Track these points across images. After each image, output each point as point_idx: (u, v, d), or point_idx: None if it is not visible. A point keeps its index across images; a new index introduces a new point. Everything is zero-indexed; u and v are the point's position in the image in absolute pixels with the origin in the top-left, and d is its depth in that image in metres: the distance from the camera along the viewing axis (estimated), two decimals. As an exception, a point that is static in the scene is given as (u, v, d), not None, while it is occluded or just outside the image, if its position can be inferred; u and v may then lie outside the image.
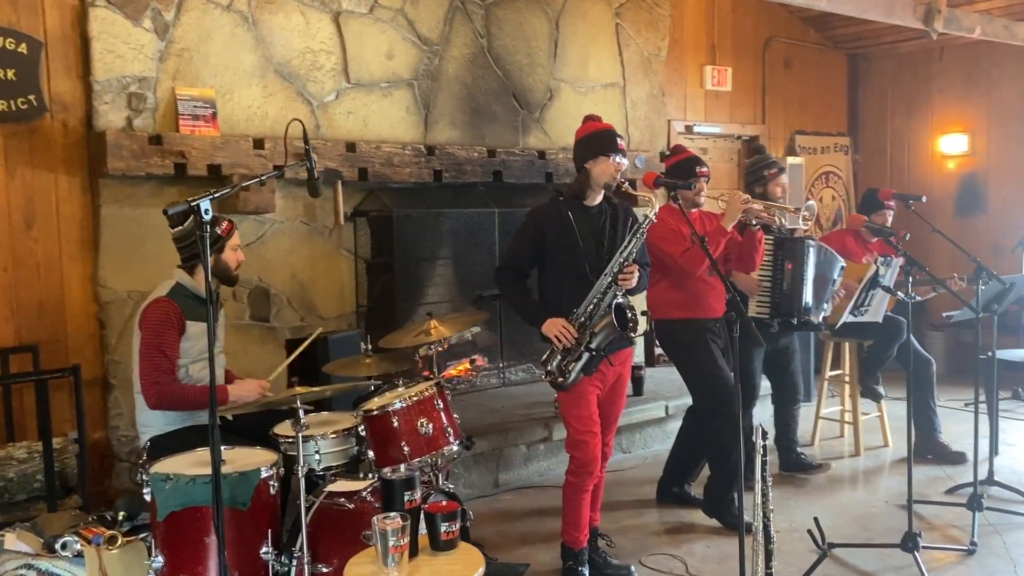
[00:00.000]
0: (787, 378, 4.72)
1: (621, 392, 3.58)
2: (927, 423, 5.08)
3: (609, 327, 3.25)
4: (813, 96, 7.99)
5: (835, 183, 8.17)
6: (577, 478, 3.46)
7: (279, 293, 4.94)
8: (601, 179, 3.40)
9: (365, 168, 5.02)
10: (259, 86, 4.79)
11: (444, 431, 3.09)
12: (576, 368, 3.30)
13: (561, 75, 6.08)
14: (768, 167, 4.58)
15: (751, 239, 4.03)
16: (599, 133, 3.44)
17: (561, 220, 3.38)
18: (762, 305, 4.42)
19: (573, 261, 3.36)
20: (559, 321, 3.30)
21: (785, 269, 4.33)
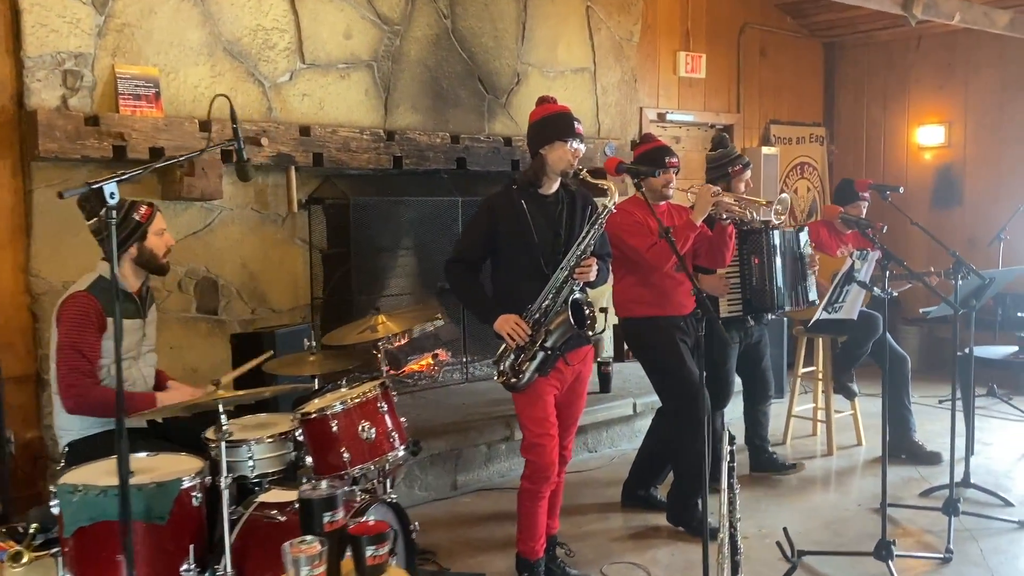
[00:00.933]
0: (758, 374, 4.54)
1: (581, 392, 3.38)
2: (901, 422, 4.93)
3: (565, 325, 3.05)
4: (788, 85, 7.82)
5: (810, 174, 8.02)
6: (533, 484, 3.26)
7: (228, 284, 4.69)
8: (557, 166, 3.19)
9: (320, 153, 4.77)
10: (207, 65, 4.52)
11: (388, 435, 2.87)
12: (530, 368, 3.10)
13: (529, 59, 5.85)
14: (732, 162, 4.38)
15: (721, 234, 3.84)
16: (554, 116, 3.23)
17: (514, 210, 3.17)
18: (734, 304, 4.23)
19: (527, 254, 3.15)
20: (512, 318, 3.10)
21: (752, 264, 4.14)
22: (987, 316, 6.62)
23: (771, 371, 4.58)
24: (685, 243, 3.70)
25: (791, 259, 4.24)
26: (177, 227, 4.49)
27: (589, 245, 3.13)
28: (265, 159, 4.59)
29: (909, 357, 4.97)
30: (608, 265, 3.37)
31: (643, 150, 3.98)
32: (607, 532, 4.02)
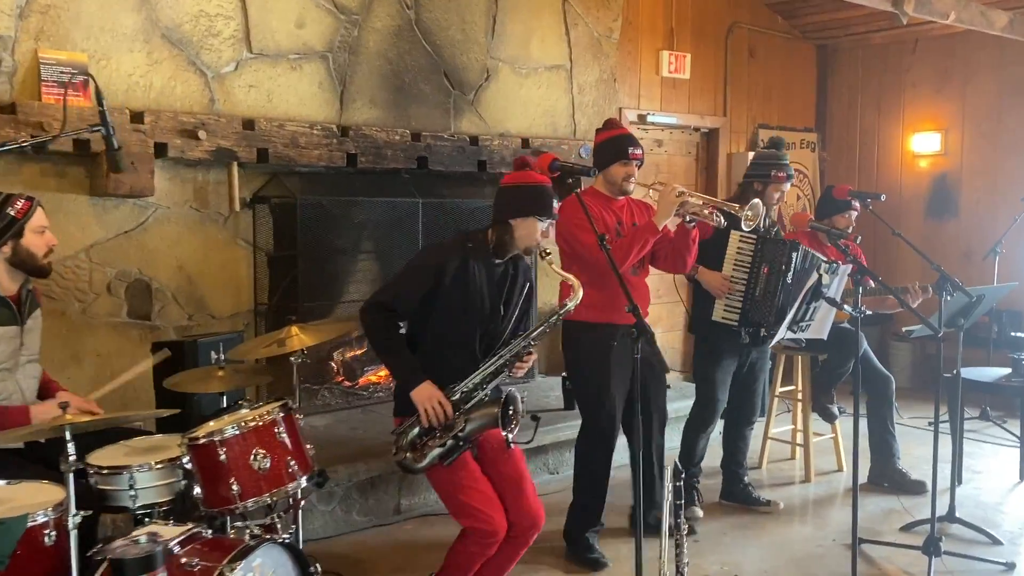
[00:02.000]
0: (746, 396, 4.21)
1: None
2: (884, 448, 4.59)
3: (489, 419, 2.73)
4: (779, 88, 7.49)
5: (800, 181, 7.69)
6: (477, 548, 2.90)
7: (163, 288, 4.37)
8: (524, 242, 2.90)
9: (265, 149, 4.46)
10: (142, 52, 4.21)
11: (287, 465, 2.55)
12: (433, 455, 2.77)
13: (500, 54, 5.53)
14: (779, 167, 4.11)
15: (684, 237, 3.51)
16: (535, 190, 2.91)
17: (467, 276, 2.86)
18: (731, 310, 3.91)
19: (465, 326, 2.84)
20: (436, 393, 2.77)
21: (761, 273, 3.82)
22: (981, 333, 6.29)
23: (760, 396, 4.25)
24: (643, 248, 3.38)
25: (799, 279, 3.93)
26: (106, 225, 4.19)
27: (536, 342, 2.83)
28: (203, 154, 4.27)
29: (899, 375, 4.64)
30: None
31: (605, 137, 3.66)
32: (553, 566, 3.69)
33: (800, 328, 3.39)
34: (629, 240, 3.42)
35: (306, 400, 4.86)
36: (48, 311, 4.00)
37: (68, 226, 4.05)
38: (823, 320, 3.43)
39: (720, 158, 7.05)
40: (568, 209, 3.58)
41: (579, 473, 3.70)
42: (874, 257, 6.97)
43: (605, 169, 3.63)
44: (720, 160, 7.05)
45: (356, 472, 3.89)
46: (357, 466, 3.90)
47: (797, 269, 3.92)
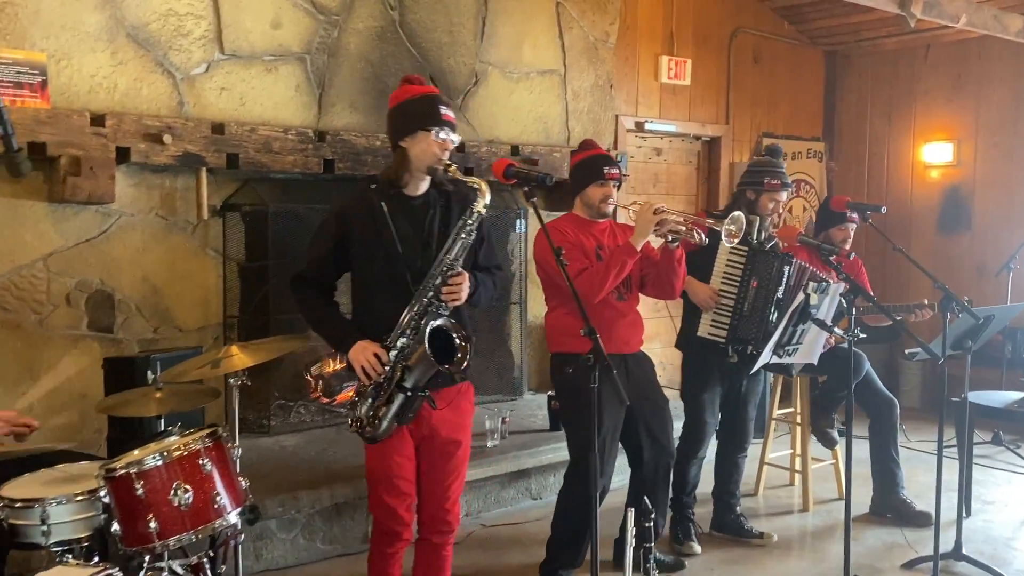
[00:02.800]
0: (737, 421, 3.95)
1: (460, 440, 2.77)
2: (887, 476, 4.32)
3: (424, 361, 2.49)
4: (784, 96, 7.23)
5: (807, 193, 7.42)
6: (378, 545, 2.73)
7: (126, 299, 4.17)
8: (422, 161, 2.65)
9: (236, 154, 4.26)
10: (106, 52, 4.02)
11: (212, 500, 2.32)
12: (388, 414, 2.54)
13: (489, 58, 5.32)
14: (772, 175, 3.83)
15: (669, 260, 3.26)
16: (416, 101, 2.69)
17: (372, 214, 2.64)
18: (718, 326, 3.66)
19: (389, 267, 2.61)
20: (370, 347, 2.54)
21: (749, 287, 3.58)
22: (994, 353, 5.99)
23: (751, 423, 3.99)
24: (621, 271, 3.14)
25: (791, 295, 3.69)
26: (66, 233, 4.00)
27: (458, 255, 2.58)
28: (169, 159, 4.08)
29: (909, 395, 4.37)
30: (495, 280, 2.82)
31: (580, 158, 3.44)
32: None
33: (787, 352, 3.14)
34: (605, 264, 3.19)
35: (281, 417, 4.65)
36: (1, 323, 3.82)
37: (24, 233, 3.87)
38: (812, 344, 3.16)
39: (722, 167, 6.80)
40: (543, 237, 3.36)
41: (560, 508, 3.45)
42: (883, 272, 6.70)
43: (581, 191, 3.41)
44: (722, 169, 6.80)
45: (319, 498, 3.66)
46: (321, 492, 3.68)
47: (790, 284, 3.68)
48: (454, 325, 2.56)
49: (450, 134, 2.68)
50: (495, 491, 4.37)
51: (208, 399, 2.74)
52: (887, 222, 7.06)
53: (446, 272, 2.56)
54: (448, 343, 2.54)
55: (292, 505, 3.59)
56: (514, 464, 4.29)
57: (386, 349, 2.53)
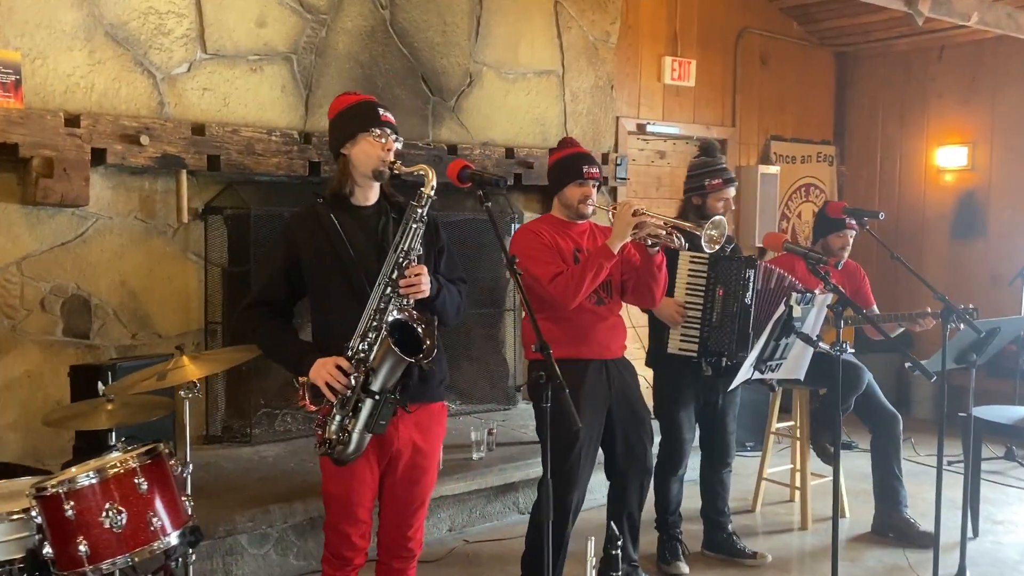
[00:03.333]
0: (718, 436, 3.78)
1: (427, 466, 2.61)
2: (890, 494, 4.14)
3: (391, 356, 2.33)
4: (793, 98, 7.05)
5: (816, 197, 7.23)
6: (329, 567, 2.57)
7: (103, 304, 4.07)
8: (366, 165, 2.53)
9: (217, 156, 4.15)
10: (84, 51, 3.92)
11: (148, 522, 2.20)
12: (357, 425, 2.37)
13: (484, 58, 5.18)
14: (712, 174, 3.67)
15: (648, 265, 3.11)
16: (355, 106, 2.59)
17: (320, 226, 2.50)
18: (688, 340, 3.50)
19: (345, 277, 2.47)
20: (329, 360, 2.39)
21: (716, 296, 3.42)
22: (1007, 363, 5.79)
23: (733, 435, 3.81)
24: (597, 275, 2.99)
25: (767, 297, 3.52)
26: (41, 236, 3.90)
27: (413, 245, 2.44)
28: (147, 161, 3.97)
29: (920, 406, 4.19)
30: (461, 292, 2.67)
31: (558, 157, 3.30)
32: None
33: (768, 368, 2.97)
34: (581, 267, 3.04)
35: (264, 426, 4.54)
36: (-31, 328, 3.73)
37: (-3, 236, 3.78)
38: (798, 359, 2.99)
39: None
40: (519, 239, 3.23)
41: (533, 522, 3.30)
42: (893, 280, 6.50)
43: (559, 191, 3.27)
44: (728, 173, 6.61)
45: (293, 512, 3.53)
46: (295, 506, 3.55)
47: (758, 288, 3.52)
48: (414, 316, 2.41)
49: (391, 135, 2.56)
50: (480, 505, 4.22)
51: (161, 412, 2.61)
52: (899, 228, 6.88)
53: (402, 263, 2.41)
54: (411, 336, 2.39)
55: (263, 519, 3.46)
56: (500, 477, 4.14)
57: (348, 358, 2.39)
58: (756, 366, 2.89)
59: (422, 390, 2.52)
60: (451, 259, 2.69)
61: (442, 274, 2.63)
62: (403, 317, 2.37)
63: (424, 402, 2.56)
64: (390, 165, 2.51)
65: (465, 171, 2.42)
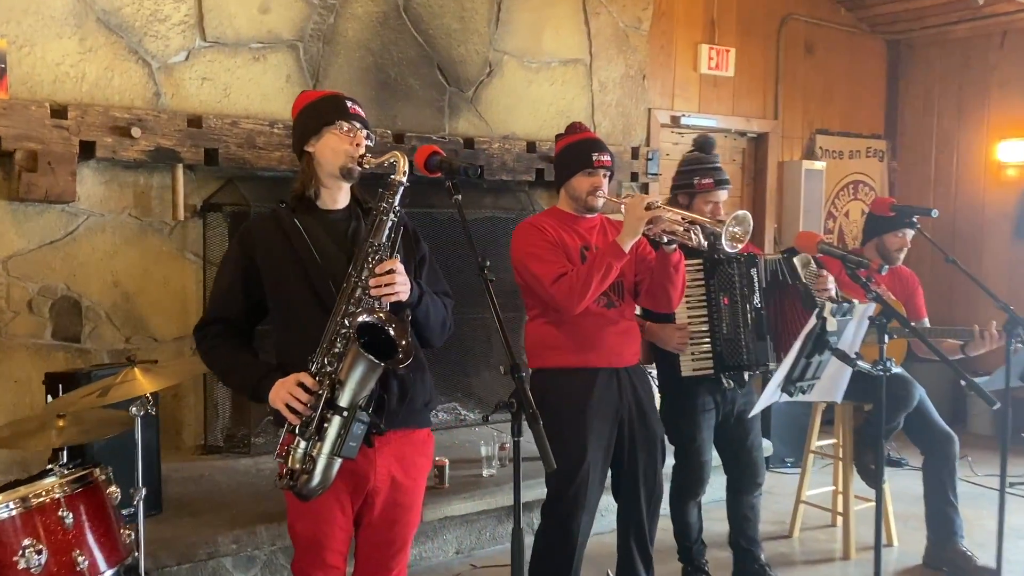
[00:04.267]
0: (744, 455, 3.40)
1: (409, 504, 2.30)
2: (943, 523, 3.73)
3: (361, 363, 2.03)
4: (841, 89, 6.62)
5: (865, 195, 6.79)
6: None
7: (95, 306, 3.85)
8: (333, 163, 2.23)
9: (215, 149, 3.92)
10: (74, 38, 3.71)
11: (73, 563, 1.93)
12: (324, 450, 2.06)
13: (505, 46, 4.88)
14: (702, 172, 3.27)
15: (664, 264, 2.78)
16: (320, 100, 2.30)
17: (283, 234, 2.21)
18: (701, 358, 3.15)
19: (310, 285, 2.18)
20: (289, 379, 2.09)
21: (721, 305, 3.07)
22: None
23: (760, 451, 3.44)
24: (606, 275, 2.66)
25: (779, 295, 3.15)
26: (28, 234, 3.70)
27: (386, 241, 2.13)
28: (139, 154, 3.75)
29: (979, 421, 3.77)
30: (445, 304, 2.35)
31: (565, 144, 2.98)
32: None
33: (799, 390, 2.60)
34: (588, 267, 2.71)
35: (270, 434, 4.27)
36: (-49, 331, 3.54)
37: (-20, 234, 3.58)
38: (834, 379, 2.61)
39: (770, 167, 6.23)
40: (519, 236, 2.91)
41: (537, 550, 3.00)
42: (949, 288, 6.05)
43: (566, 182, 2.95)
44: (770, 169, 6.23)
45: (281, 533, 3.27)
46: (284, 526, 3.26)
47: (765, 287, 3.15)
48: (385, 317, 2.09)
49: (361, 129, 2.26)
50: (490, 526, 3.92)
51: (116, 428, 2.36)
52: (956, 228, 6.42)
53: (371, 261, 2.10)
54: (383, 340, 2.09)
55: (249, 541, 3.21)
56: (511, 497, 3.82)
57: (313, 373, 2.10)
58: (784, 387, 2.53)
59: (402, 414, 2.22)
60: (433, 271, 2.39)
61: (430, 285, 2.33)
62: (372, 319, 2.07)
63: (405, 428, 2.26)
64: (359, 161, 2.21)
65: (434, 158, 2.11)
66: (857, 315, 2.48)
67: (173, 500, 3.46)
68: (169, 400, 4.02)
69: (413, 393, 2.22)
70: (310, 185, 2.25)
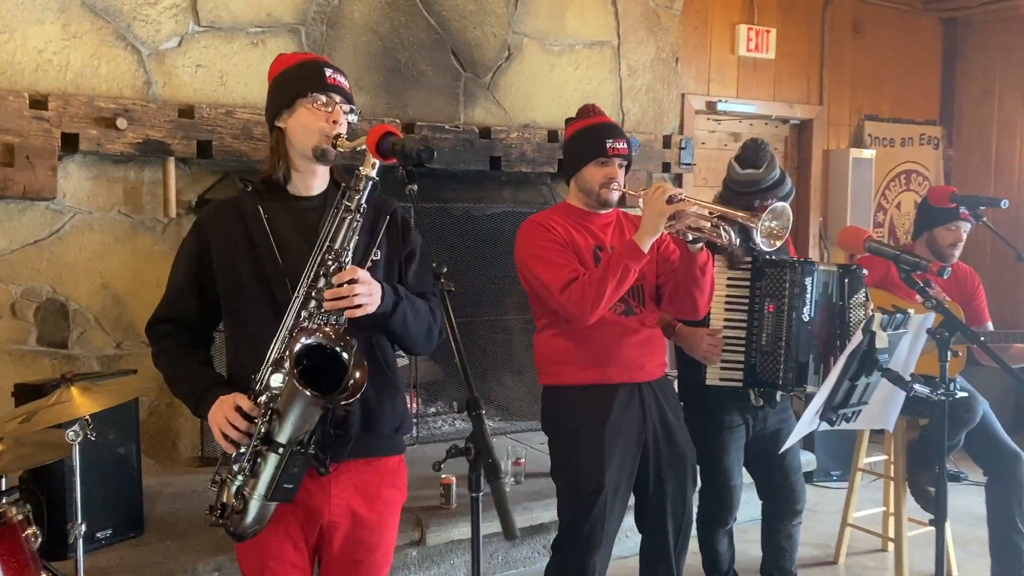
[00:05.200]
0: (779, 478, 3.03)
1: (375, 543, 1.99)
2: (1009, 550, 3.33)
3: (298, 399, 1.73)
4: (892, 72, 6.16)
5: (919, 185, 6.34)
6: None
7: (83, 309, 3.62)
8: (304, 142, 1.93)
9: (208, 141, 3.66)
10: (56, 24, 3.47)
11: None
12: (257, 490, 1.78)
13: (525, 27, 4.55)
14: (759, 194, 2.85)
15: (689, 265, 2.43)
16: (296, 67, 1.99)
17: (243, 222, 1.91)
18: (731, 367, 2.80)
19: (266, 289, 1.88)
20: (228, 400, 1.81)
21: (764, 312, 2.71)
22: None
23: (799, 475, 3.07)
24: (623, 280, 2.33)
25: (828, 313, 2.78)
26: (10, 233, 3.48)
27: (346, 243, 1.83)
28: (127, 147, 3.51)
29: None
30: (433, 308, 2.02)
31: (576, 128, 2.66)
32: None
33: (842, 417, 2.22)
34: (601, 272, 2.38)
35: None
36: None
37: (-42, 234, 3.37)
38: (885, 403, 2.22)
39: (815, 156, 5.82)
40: (524, 236, 2.59)
41: None
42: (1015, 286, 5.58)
43: (577, 173, 2.62)
44: (815, 159, 5.82)
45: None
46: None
47: (819, 301, 2.78)
48: (336, 337, 1.78)
49: (342, 102, 1.96)
50: (502, 549, 3.61)
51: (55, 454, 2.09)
52: (1021, 222, 5.94)
53: (329, 267, 1.81)
54: (334, 367, 1.78)
55: (231, 569, 2.93)
56: (525, 518, 3.51)
57: (254, 396, 1.81)
58: (823, 415, 2.16)
59: (365, 441, 1.92)
60: (425, 268, 2.06)
61: (410, 286, 2.01)
62: (315, 340, 1.76)
63: (368, 457, 1.95)
64: (334, 142, 1.91)
65: (387, 141, 1.77)
66: (913, 328, 2.09)
67: (158, 520, 3.21)
68: (163, 409, 3.78)
69: (379, 419, 1.92)
70: (279, 167, 1.96)
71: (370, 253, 1.92)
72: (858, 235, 2.38)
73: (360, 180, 1.84)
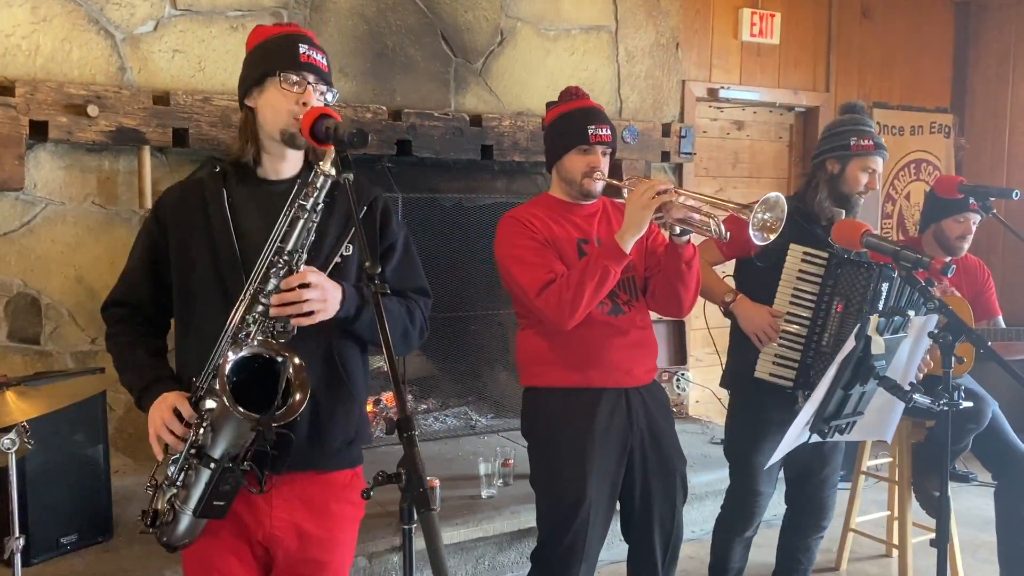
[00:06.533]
0: (811, 488, 2.88)
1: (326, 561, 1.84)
2: (1019, 559, 3.18)
3: (229, 416, 1.60)
4: (902, 57, 5.97)
5: (929, 175, 6.15)
6: None
7: (56, 304, 3.51)
8: (273, 124, 1.79)
9: (184, 129, 3.53)
10: (25, 7, 3.35)
11: None
12: (188, 504, 1.66)
13: (518, 11, 4.40)
14: (858, 132, 2.75)
15: (674, 258, 2.28)
16: (273, 40, 1.83)
17: (204, 206, 1.79)
18: (784, 364, 2.64)
19: (219, 281, 1.76)
20: (167, 400, 1.70)
21: (832, 312, 2.56)
22: None
23: (833, 490, 2.91)
24: (603, 282, 2.19)
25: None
26: (-23, 226, 3.35)
27: (299, 245, 1.69)
28: (99, 135, 3.38)
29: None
30: (413, 308, 1.88)
31: (555, 115, 2.50)
32: None
33: (835, 429, 2.06)
34: (579, 274, 2.23)
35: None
36: None
37: (-77, 226, 3.25)
38: (883, 413, 2.05)
39: (821, 144, 5.63)
40: (501, 232, 2.44)
41: None
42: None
43: (558, 161, 2.46)
44: (821, 147, 5.63)
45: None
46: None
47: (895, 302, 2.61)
48: (277, 350, 1.65)
49: (318, 82, 1.80)
50: (489, 554, 3.47)
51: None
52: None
53: (278, 268, 1.67)
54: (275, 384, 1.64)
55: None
56: (513, 522, 3.38)
57: (194, 399, 1.68)
58: (813, 427, 2.00)
59: (312, 453, 1.78)
60: (406, 263, 1.92)
61: (391, 283, 1.86)
62: (249, 352, 1.62)
63: (316, 470, 1.82)
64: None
65: (320, 124, 1.61)
66: (914, 331, 1.93)
67: (131, 523, 3.08)
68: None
69: (330, 430, 1.78)
70: (248, 148, 1.82)
71: (339, 248, 1.78)
72: (855, 229, 2.22)
73: (318, 177, 1.68)
